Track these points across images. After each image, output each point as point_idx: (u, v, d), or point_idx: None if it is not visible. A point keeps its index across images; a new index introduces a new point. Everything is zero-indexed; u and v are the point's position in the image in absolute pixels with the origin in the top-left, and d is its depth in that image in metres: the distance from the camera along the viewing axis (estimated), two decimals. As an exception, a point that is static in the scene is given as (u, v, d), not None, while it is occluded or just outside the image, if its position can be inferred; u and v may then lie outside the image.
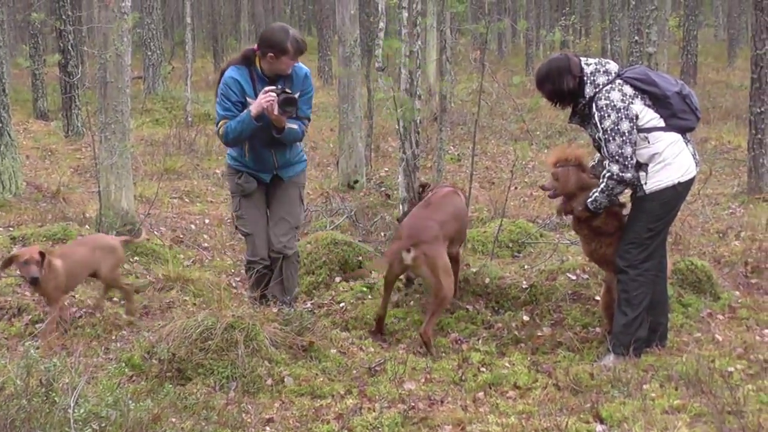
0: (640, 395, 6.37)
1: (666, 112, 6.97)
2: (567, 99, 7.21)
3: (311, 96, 7.98)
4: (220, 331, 6.81)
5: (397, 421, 6.11)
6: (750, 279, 8.78)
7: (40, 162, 18.21)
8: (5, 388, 5.70)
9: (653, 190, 6.92)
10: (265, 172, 7.87)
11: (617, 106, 6.89)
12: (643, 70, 7.30)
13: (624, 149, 6.84)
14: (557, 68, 7.15)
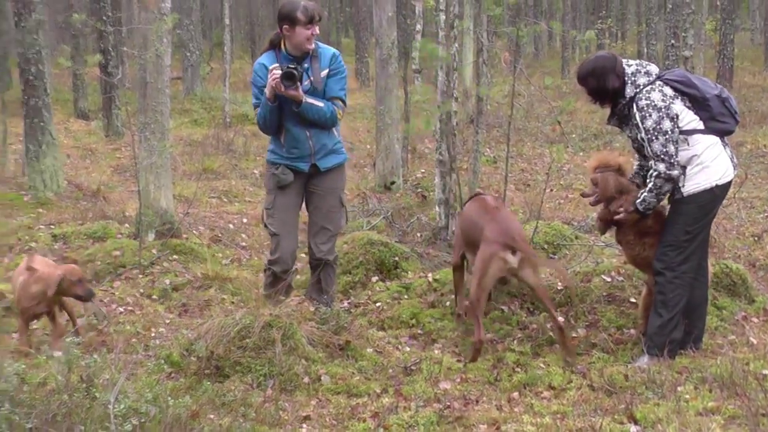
0: (674, 397, 6.34)
1: (705, 115, 6.95)
2: (608, 97, 7.20)
3: (343, 77, 7.73)
4: (257, 329, 6.83)
5: (432, 420, 6.12)
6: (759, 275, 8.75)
7: (80, 161, 18.30)
8: (47, 384, 5.75)
9: (691, 192, 6.91)
10: (302, 160, 7.69)
11: (658, 106, 6.88)
12: (683, 72, 7.31)
13: (668, 147, 6.83)
14: (603, 66, 7.13)
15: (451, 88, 10.70)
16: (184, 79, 27.95)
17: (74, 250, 10.63)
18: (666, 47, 26.80)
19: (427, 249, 10.56)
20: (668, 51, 26.06)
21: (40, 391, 5.62)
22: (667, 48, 26.43)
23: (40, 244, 11.04)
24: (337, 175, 7.94)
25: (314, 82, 7.53)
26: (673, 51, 25.13)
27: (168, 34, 11.59)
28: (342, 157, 7.95)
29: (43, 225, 12.08)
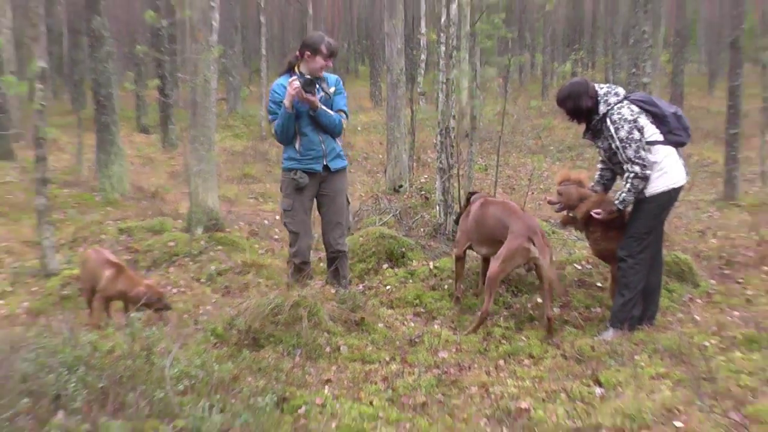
0: (632, 364, 6.38)
1: (664, 129, 7.09)
2: (583, 115, 7.28)
3: (345, 95, 7.87)
4: (287, 307, 6.85)
5: (432, 383, 6.15)
6: (723, 270, 8.76)
7: (141, 168, 18.34)
8: (114, 351, 5.78)
9: (653, 193, 7.03)
10: (316, 162, 7.66)
11: (629, 119, 7.01)
12: (645, 94, 7.48)
13: (640, 152, 6.96)
14: (577, 90, 7.25)
15: (449, 107, 10.69)
16: (227, 100, 27.98)
17: (136, 242, 10.67)
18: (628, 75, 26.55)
19: (429, 241, 10.55)
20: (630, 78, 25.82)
21: (109, 357, 5.64)
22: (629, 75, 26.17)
23: (108, 236, 11.08)
24: (343, 177, 7.93)
25: (325, 96, 7.60)
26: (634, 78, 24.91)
27: (214, 63, 11.61)
28: (345, 162, 7.95)
29: (111, 221, 12.12)
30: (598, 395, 5.89)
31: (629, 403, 5.55)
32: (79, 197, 14.24)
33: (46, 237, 9.44)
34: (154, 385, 5.24)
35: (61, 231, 11.24)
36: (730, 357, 6.44)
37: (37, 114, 9.30)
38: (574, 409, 5.63)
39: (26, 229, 11.78)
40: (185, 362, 5.72)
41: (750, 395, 5.67)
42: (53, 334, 6.08)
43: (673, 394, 5.70)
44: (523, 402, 5.73)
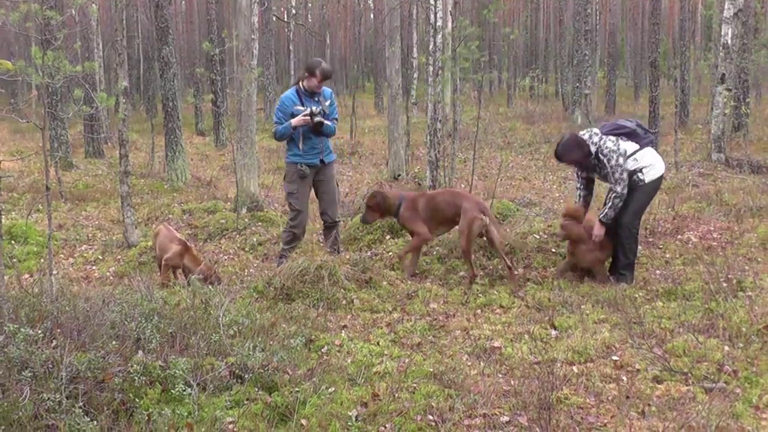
0: (579, 312, 6.40)
1: (636, 139, 7.30)
2: (582, 161, 7.36)
3: (335, 105, 8.11)
4: (312, 269, 6.85)
5: (425, 327, 6.14)
6: (648, 239, 8.70)
7: (199, 162, 18.31)
8: (180, 304, 5.77)
9: (649, 180, 7.24)
10: (315, 157, 7.88)
11: (613, 149, 7.17)
12: (613, 123, 7.58)
13: (623, 175, 7.15)
14: (570, 145, 7.32)
15: (437, 114, 10.64)
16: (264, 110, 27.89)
17: (196, 219, 10.66)
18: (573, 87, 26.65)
19: (422, 218, 10.52)
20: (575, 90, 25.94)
21: (176, 309, 5.62)
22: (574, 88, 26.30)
23: (174, 215, 11.05)
24: (333, 166, 8.20)
25: (323, 108, 7.80)
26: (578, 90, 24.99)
27: (254, 81, 11.58)
28: (334, 156, 8.24)
29: (176, 203, 12.10)
30: (554, 336, 5.88)
31: (578, 342, 5.56)
32: (152, 185, 14.22)
33: (127, 216, 9.41)
34: (211, 330, 5.24)
35: (139, 211, 11.21)
36: (654, 305, 6.47)
37: (121, 122, 9.26)
38: (535, 346, 5.62)
39: (113, 210, 11.76)
40: (234, 312, 5.73)
41: (669, 335, 5.71)
42: (134, 291, 6.09)
43: (611, 335, 5.71)
44: (495, 342, 5.72)
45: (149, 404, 4.17)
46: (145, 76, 32.52)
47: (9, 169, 15.29)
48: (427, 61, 11.47)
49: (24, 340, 4.32)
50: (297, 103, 7.81)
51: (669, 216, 9.71)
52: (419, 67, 23.66)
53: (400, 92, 15.60)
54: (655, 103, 15.47)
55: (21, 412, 3.82)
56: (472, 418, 4.35)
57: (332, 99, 8.03)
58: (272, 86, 28.99)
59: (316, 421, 4.18)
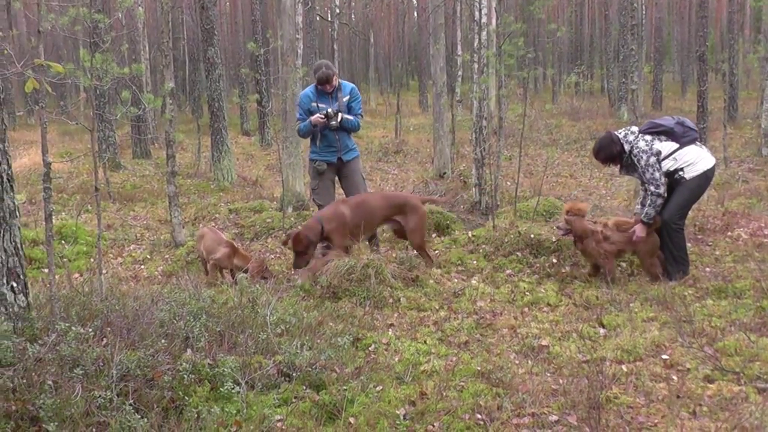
0: (628, 310, 6.33)
1: (675, 138, 7.13)
2: (617, 159, 7.28)
3: (360, 100, 8.08)
4: (359, 268, 6.85)
5: (472, 326, 6.11)
6: (697, 235, 8.57)
7: (245, 162, 18.44)
8: (228, 303, 5.80)
9: (690, 177, 7.07)
10: (332, 155, 7.96)
11: (645, 150, 7.07)
12: (650, 121, 7.43)
13: (655, 174, 7.03)
14: (605, 143, 7.30)
15: (482, 111, 10.59)
16: (310, 109, 28.01)
17: (242, 219, 10.71)
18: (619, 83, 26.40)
19: (468, 216, 10.45)
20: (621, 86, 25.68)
21: (224, 307, 5.66)
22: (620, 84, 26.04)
23: (221, 215, 11.14)
24: (356, 162, 8.18)
25: (339, 105, 7.89)
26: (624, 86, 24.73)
27: (299, 80, 11.61)
28: (357, 152, 8.22)
29: (222, 203, 12.18)
30: (602, 335, 5.83)
31: (626, 340, 5.49)
32: (199, 185, 14.34)
33: (175, 216, 9.50)
34: (258, 329, 5.27)
35: (186, 211, 11.31)
36: (704, 304, 6.37)
37: (168, 123, 9.36)
38: (583, 345, 5.57)
39: (160, 210, 11.88)
40: (281, 311, 5.76)
41: (719, 333, 5.62)
42: (182, 290, 6.13)
43: (660, 333, 5.64)
44: (543, 340, 5.69)
45: (198, 402, 4.21)
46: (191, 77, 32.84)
47: (59, 170, 15.54)
48: (471, 58, 11.39)
49: (75, 339, 4.39)
50: (314, 99, 7.97)
51: (718, 212, 9.56)
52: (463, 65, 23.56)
53: (444, 90, 15.55)
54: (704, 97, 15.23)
55: (73, 409, 3.87)
56: (520, 417, 4.32)
57: (353, 93, 8.02)
58: (315, 86, 29.10)
59: (364, 419, 4.18)
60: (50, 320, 4.80)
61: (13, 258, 4.71)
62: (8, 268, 4.67)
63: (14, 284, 4.70)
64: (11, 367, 4.15)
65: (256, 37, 22.14)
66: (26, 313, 4.75)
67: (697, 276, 7.19)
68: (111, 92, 18.20)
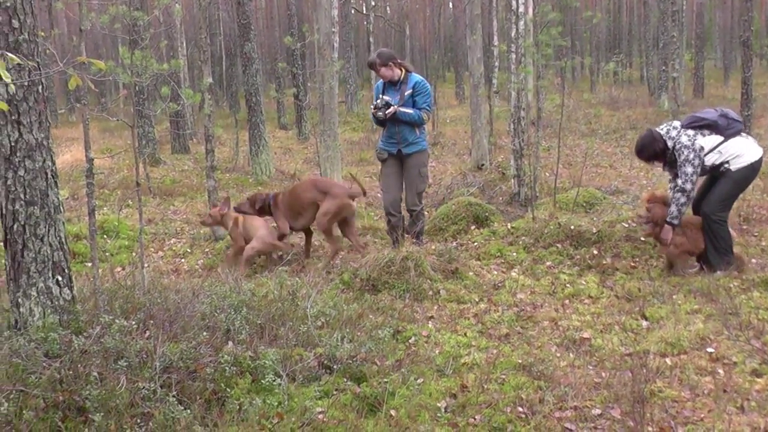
0: (671, 302, 6.27)
1: (719, 131, 6.95)
2: (660, 156, 7.14)
3: (423, 93, 7.91)
4: (398, 260, 6.85)
5: (513, 318, 6.10)
6: (742, 226, 8.45)
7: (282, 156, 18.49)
8: (268, 296, 5.84)
9: (736, 168, 6.90)
10: (392, 146, 8.00)
11: (687, 145, 6.90)
12: (692, 115, 7.28)
13: (688, 169, 6.87)
14: (647, 140, 7.15)
15: (520, 102, 10.54)
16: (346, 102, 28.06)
17: (281, 212, 10.76)
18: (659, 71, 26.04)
19: (506, 207, 10.41)
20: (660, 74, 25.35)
21: (264, 300, 5.71)
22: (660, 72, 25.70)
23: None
24: (417, 157, 8.02)
25: (401, 98, 7.86)
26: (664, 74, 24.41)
27: (336, 74, 11.63)
28: (418, 147, 8.03)
29: (261, 197, 12.23)
30: (645, 327, 5.79)
31: (670, 333, 5.44)
32: (237, 179, 14.41)
33: (214, 210, 9.57)
34: (299, 322, 5.30)
35: (225, 205, 11.38)
36: (750, 295, 6.26)
37: (206, 118, 9.42)
38: (626, 338, 5.53)
39: (199, 204, 11.97)
40: (321, 304, 5.79)
41: (767, 326, 5.52)
42: (222, 283, 6.18)
43: (705, 326, 5.57)
44: (585, 332, 5.66)
45: (240, 394, 4.25)
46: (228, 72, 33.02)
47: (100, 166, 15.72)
48: (508, 48, 11.33)
49: (119, 331, 4.45)
50: (380, 91, 8.02)
51: (764, 202, 9.42)
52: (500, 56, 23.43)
53: (482, 81, 15.47)
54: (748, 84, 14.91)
55: (118, 400, 3.93)
56: (562, 410, 4.31)
57: (418, 88, 7.91)
58: (353, 78, 29.17)
59: (405, 412, 4.19)
60: (94, 313, 4.88)
61: (58, 252, 4.80)
62: (54, 262, 4.76)
63: (59, 278, 4.79)
64: (58, 359, 4.24)
65: (292, 31, 22.20)
66: (71, 306, 4.83)
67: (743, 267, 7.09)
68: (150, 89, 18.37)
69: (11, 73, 3.77)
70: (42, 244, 4.71)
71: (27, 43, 4.60)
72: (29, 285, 4.70)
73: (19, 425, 3.80)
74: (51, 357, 4.30)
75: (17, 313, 4.73)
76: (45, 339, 4.40)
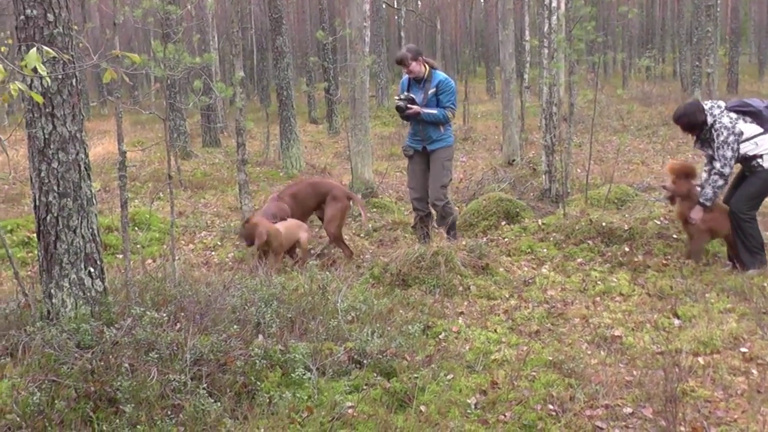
0: (704, 301, 6.20)
1: (762, 121, 6.85)
2: (697, 128, 7.05)
3: (447, 91, 7.90)
4: (429, 255, 6.84)
5: (543, 315, 6.06)
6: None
7: (313, 150, 18.53)
8: (298, 289, 5.86)
9: None
10: (417, 143, 8.07)
11: (728, 126, 6.82)
12: (740, 100, 7.18)
13: (727, 153, 6.80)
14: (691, 108, 7.09)
15: (552, 97, 10.48)
16: (377, 96, 28.05)
17: (311, 206, 10.78)
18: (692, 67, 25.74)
19: (537, 203, 10.35)
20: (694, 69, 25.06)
21: (294, 294, 5.72)
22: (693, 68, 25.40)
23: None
24: (441, 152, 8.03)
25: (424, 97, 7.91)
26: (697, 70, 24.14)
27: (367, 68, 11.64)
28: (444, 143, 8.05)
29: (291, 191, 12.25)
30: (677, 326, 5.73)
31: (703, 332, 5.39)
32: (268, 173, 14.46)
33: (245, 203, 9.61)
34: (329, 316, 5.31)
35: (255, 199, 11.41)
36: (786, 294, 6.17)
37: (238, 111, 9.46)
38: (658, 336, 5.48)
39: (230, 198, 12.02)
40: (352, 298, 5.80)
41: (803, 326, 5.45)
42: (252, 276, 6.20)
43: (738, 325, 5.51)
44: (616, 330, 5.61)
45: (270, 387, 4.26)
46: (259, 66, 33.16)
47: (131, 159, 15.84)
48: (541, 43, 11.26)
49: (150, 323, 4.49)
50: (405, 88, 8.10)
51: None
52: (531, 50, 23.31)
53: (513, 76, 15.41)
54: (784, 80, 14.78)
55: (149, 392, 3.96)
56: (593, 408, 4.28)
57: (442, 86, 7.89)
58: (384, 73, 29.16)
59: (435, 408, 4.18)
60: (126, 305, 4.92)
61: (91, 244, 4.84)
62: (86, 254, 4.80)
63: (92, 269, 4.83)
64: (89, 350, 4.27)
65: (323, 25, 22.24)
66: (103, 298, 4.88)
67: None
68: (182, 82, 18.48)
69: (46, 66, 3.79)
70: (74, 235, 4.75)
71: (61, 37, 4.64)
72: (62, 276, 4.75)
73: (50, 415, 3.84)
74: (83, 348, 4.34)
75: (49, 303, 4.78)
76: (77, 330, 4.44)
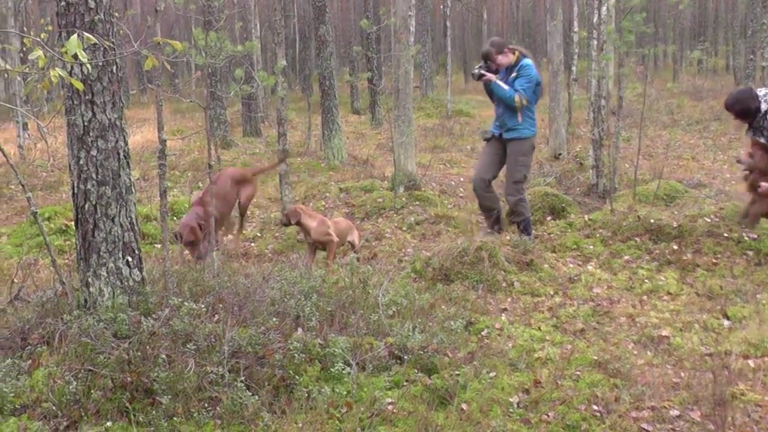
0: (755, 301, 6.08)
1: None
2: (750, 115, 6.98)
3: (524, 77, 7.86)
4: (472, 250, 6.80)
5: (588, 313, 6.00)
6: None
7: (355, 141, 18.54)
8: (338, 283, 5.85)
9: None
10: (496, 128, 8.09)
11: None
12: None
13: None
14: (744, 95, 7.04)
15: (600, 90, 10.36)
16: (421, 87, 27.98)
17: (353, 198, 10.79)
18: (746, 60, 25.29)
19: (584, 198, 10.26)
20: (747, 63, 24.62)
21: (334, 287, 5.72)
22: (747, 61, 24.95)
23: (331, 194, 11.23)
24: (516, 144, 7.98)
25: (506, 79, 7.97)
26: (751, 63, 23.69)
27: (411, 58, 11.59)
28: (518, 134, 7.97)
29: (333, 182, 12.28)
30: (726, 327, 5.63)
31: (754, 334, 5.29)
32: (309, 164, 14.50)
33: (285, 194, 9.64)
34: (370, 310, 5.30)
35: (296, 190, 11.45)
36: (842, 296, 6.03)
37: (279, 101, 9.48)
38: (707, 337, 5.39)
39: (270, 188, 12.07)
40: (393, 293, 5.77)
41: None
42: (292, 269, 6.21)
43: (792, 327, 5.39)
44: (663, 330, 5.54)
45: (309, 382, 4.25)
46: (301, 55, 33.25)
47: (171, 147, 15.96)
48: (590, 35, 11.16)
49: (188, 314, 4.50)
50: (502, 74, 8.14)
51: None
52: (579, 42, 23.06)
53: (561, 68, 15.25)
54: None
55: (186, 383, 3.98)
56: (639, 410, 4.21)
57: (520, 71, 7.92)
58: (428, 63, 29.07)
59: (476, 406, 4.15)
60: (163, 295, 4.94)
61: (129, 233, 4.87)
62: (124, 243, 4.83)
63: (129, 259, 4.86)
64: (126, 340, 4.30)
65: (367, 14, 22.23)
66: (141, 288, 4.91)
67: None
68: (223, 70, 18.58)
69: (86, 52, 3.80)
70: (113, 224, 4.78)
71: (102, 24, 4.67)
72: (99, 265, 4.78)
73: (86, 404, 3.88)
74: (120, 338, 4.36)
75: (87, 292, 4.82)
76: (114, 319, 4.47)
